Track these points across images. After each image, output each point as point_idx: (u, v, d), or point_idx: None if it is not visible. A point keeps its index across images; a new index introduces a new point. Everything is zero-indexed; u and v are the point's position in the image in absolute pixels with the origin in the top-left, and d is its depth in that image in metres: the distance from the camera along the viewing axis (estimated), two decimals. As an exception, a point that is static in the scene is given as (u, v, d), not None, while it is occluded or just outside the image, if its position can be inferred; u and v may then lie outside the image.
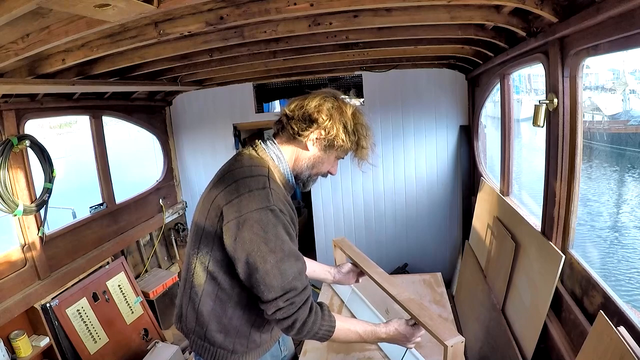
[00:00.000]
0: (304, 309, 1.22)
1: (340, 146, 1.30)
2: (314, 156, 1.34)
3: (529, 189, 5.69)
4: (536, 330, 1.88)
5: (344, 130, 1.28)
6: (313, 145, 1.32)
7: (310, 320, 1.24)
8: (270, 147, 1.33)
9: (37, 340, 2.53)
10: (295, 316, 1.21)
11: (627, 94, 14.17)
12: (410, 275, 2.45)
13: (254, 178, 1.22)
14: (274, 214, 1.17)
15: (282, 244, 1.18)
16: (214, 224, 1.21)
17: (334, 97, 1.32)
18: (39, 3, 1.11)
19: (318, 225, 4.24)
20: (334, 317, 1.30)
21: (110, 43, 1.86)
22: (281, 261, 1.17)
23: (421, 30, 2.30)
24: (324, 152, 1.33)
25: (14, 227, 2.58)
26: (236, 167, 1.28)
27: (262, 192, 1.19)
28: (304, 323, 1.22)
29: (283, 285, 1.18)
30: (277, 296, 1.18)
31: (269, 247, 1.16)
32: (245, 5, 1.64)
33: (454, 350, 1.31)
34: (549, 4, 1.56)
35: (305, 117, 1.28)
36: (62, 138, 25.00)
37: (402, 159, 4.00)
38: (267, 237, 1.16)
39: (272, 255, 1.16)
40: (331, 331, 1.28)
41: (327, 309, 1.31)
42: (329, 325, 1.28)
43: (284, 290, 1.18)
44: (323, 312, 1.28)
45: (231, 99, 4.06)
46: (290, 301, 1.20)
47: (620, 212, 9.73)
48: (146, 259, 3.80)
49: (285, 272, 1.18)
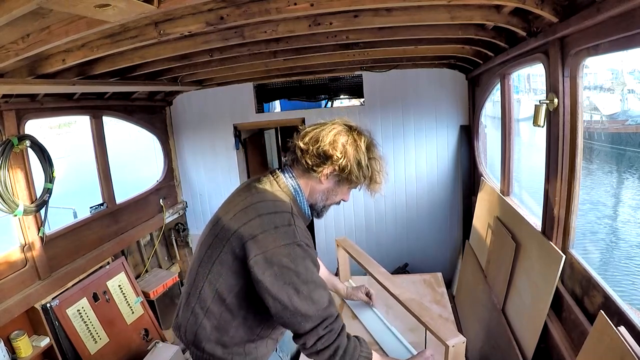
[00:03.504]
0: (342, 335, 1.23)
1: (354, 181, 1.32)
2: (327, 189, 1.35)
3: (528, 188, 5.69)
4: (536, 330, 1.88)
5: (357, 167, 1.29)
6: (327, 179, 1.32)
7: (351, 346, 1.24)
8: (288, 180, 1.34)
9: (38, 341, 2.53)
10: (337, 343, 1.21)
11: (626, 93, 14.18)
12: (410, 275, 2.46)
13: (279, 214, 1.23)
14: (301, 249, 1.20)
15: (312, 275, 1.21)
16: (234, 254, 1.22)
17: (349, 130, 1.32)
18: (39, 3, 1.12)
19: (319, 226, 4.24)
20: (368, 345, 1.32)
21: (111, 43, 1.86)
22: (314, 291, 1.19)
23: (421, 30, 2.30)
24: (337, 185, 1.35)
25: (14, 227, 2.58)
26: (259, 200, 1.28)
27: (289, 229, 1.21)
28: (345, 350, 1.22)
29: (319, 314, 1.19)
30: (315, 325, 1.19)
31: (300, 279, 1.17)
32: (245, 5, 1.65)
33: (455, 350, 1.31)
34: (549, 3, 1.56)
35: (319, 153, 1.27)
36: (61, 138, 24.99)
37: (402, 159, 4.00)
38: (298, 270, 1.18)
39: (304, 286, 1.18)
40: (370, 358, 1.28)
41: (361, 338, 1.32)
42: (367, 351, 1.28)
43: (322, 318, 1.19)
44: (360, 340, 1.29)
45: (231, 99, 4.06)
46: (329, 328, 1.20)
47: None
48: (146, 259, 3.80)
49: (319, 301, 1.19)
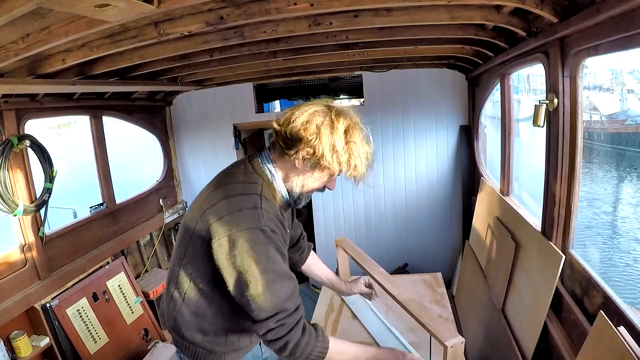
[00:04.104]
0: (296, 330, 1.19)
1: (327, 167, 1.20)
2: (303, 175, 1.26)
3: (527, 187, 5.70)
4: (536, 330, 1.88)
5: (331, 150, 1.16)
6: (301, 163, 1.22)
7: (303, 341, 1.20)
8: (265, 163, 1.27)
9: (37, 340, 2.53)
10: (287, 337, 1.18)
11: (625, 93, 14.19)
12: (410, 275, 2.46)
13: (245, 197, 1.19)
14: (265, 234, 1.15)
15: (273, 264, 1.16)
16: (202, 237, 1.19)
17: (328, 110, 1.19)
18: (39, 3, 1.11)
19: (318, 225, 4.24)
20: (327, 338, 1.26)
21: (110, 43, 1.86)
22: (273, 281, 1.15)
23: (421, 30, 2.30)
24: (313, 170, 1.24)
25: (14, 227, 2.58)
26: (230, 182, 1.25)
27: (254, 212, 1.16)
28: (296, 345, 1.19)
29: (274, 306, 1.15)
30: (267, 316, 1.16)
31: (259, 267, 1.13)
32: (245, 5, 1.64)
33: (454, 351, 1.31)
34: (549, 3, 1.56)
35: (292, 134, 1.18)
36: (61, 138, 25.00)
37: (402, 158, 4.00)
38: (259, 257, 1.13)
39: (263, 275, 1.13)
40: (324, 352, 1.24)
41: (320, 330, 1.27)
42: (322, 346, 1.24)
43: (275, 311, 1.16)
44: (317, 333, 1.24)
45: (231, 99, 4.06)
46: (281, 322, 1.17)
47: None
48: (146, 259, 3.80)
49: (277, 293, 1.15)
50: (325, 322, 1.93)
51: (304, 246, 1.75)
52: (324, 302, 2.10)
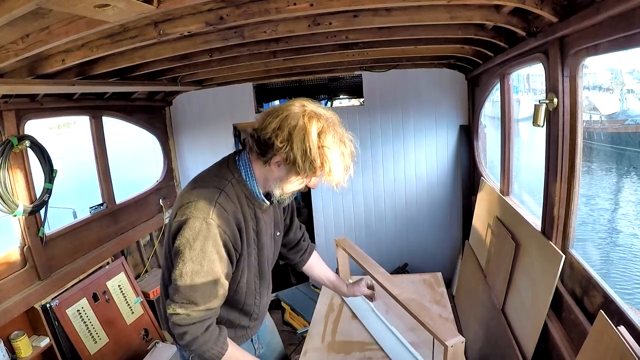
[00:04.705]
0: (198, 326, 1.22)
1: (301, 173, 1.20)
2: (280, 178, 1.26)
3: (527, 187, 5.73)
4: (536, 330, 1.88)
5: (303, 156, 1.15)
6: (278, 167, 1.23)
7: (202, 339, 1.22)
8: (241, 162, 1.30)
9: (37, 341, 2.52)
10: (187, 328, 1.21)
11: (625, 93, 14.20)
12: (410, 275, 2.46)
13: (208, 189, 1.24)
14: (208, 227, 1.17)
15: (203, 259, 1.18)
16: (170, 225, 1.27)
17: (302, 113, 1.18)
18: (38, 3, 1.11)
19: (318, 225, 4.24)
20: (227, 345, 1.29)
21: (110, 43, 1.86)
22: (195, 274, 1.18)
23: (421, 30, 2.30)
24: (289, 174, 1.24)
25: (14, 227, 2.58)
26: (203, 176, 1.32)
27: (207, 204, 1.19)
28: (194, 339, 1.22)
29: (187, 296, 1.19)
30: (178, 301, 1.19)
31: (189, 255, 1.17)
32: (245, 5, 1.64)
33: (454, 351, 1.31)
34: (548, 3, 1.56)
35: (265, 140, 1.19)
36: (61, 138, 25.00)
37: (402, 158, 4.00)
38: (193, 246, 1.17)
39: (189, 263, 1.17)
40: (219, 356, 1.26)
41: (224, 335, 1.29)
42: (219, 351, 1.26)
43: (186, 300, 1.19)
44: (219, 337, 1.26)
45: (231, 99, 4.06)
46: (188, 312, 1.19)
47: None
48: (146, 259, 3.80)
49: (194, 285, 1.18)
50: (325, 322, 1.93)
51: (304, 248, 1.76)
52: (324, 302, 2.10)
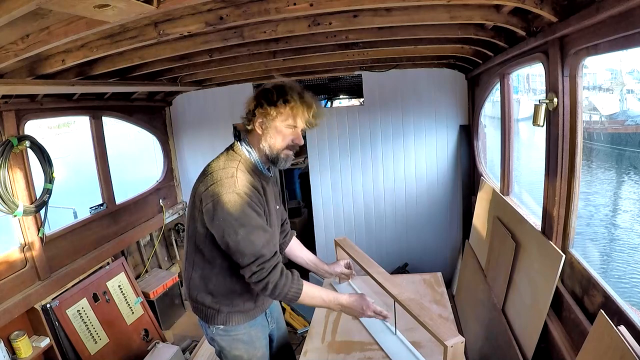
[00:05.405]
0: (274, 273, 1.45)
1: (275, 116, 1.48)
2: (265, 136, 1.52)
3: (526, 187, 5.75)
4: (536, 329, 1.88)
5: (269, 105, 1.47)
6: (261, 129, 1.52)
7: (282, 282, 1.46)
8: (242, 145, 1.58)
9: (38, 341, 2.53)
10: (267, 279, 1.44)
11: (624, 93, 14.21)
12: (410, 275, 2.46)
13: (224, 170, 1.49)
14: (239, 196, 1.42)
15: (249, 219, 1.43)
16: (197, 206, 1.48)
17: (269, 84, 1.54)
18: (38, 3, 1.11)
19: (318, 226, 4.24)
20: (302, 282, 1.53)
21: (110, 43, 1.86)
22: (250, 233, 1.42)
23: (421, 30, 2.30)
24: (269, 131, 1.51)
25: (14, 227, 2.58)
26: (213, 163, 1.55)
27: (230, 181, 1.44)
28: (275, 285, 1.45)
29: (254, 253, 1.42)
30: (249, 262, 1.43)
31: (238, 222, 1.41)
32: (245, 6, 1.65)
33: (454, 350, 1.31)
34: (548, 3, 1.56)
35: (247, 112, 1.55)
36: (61, 138, 25.02)
37: (402, 158, 4.00)
38: (236, 214, 1.40)
39: (241, 228, 1.41)
40: (299, 293, 1.50)
41: (297, 274, 1.53)
42: (297, 288, 1.50)
43: (255, 257, 1.42)
44: (293, 277, 1.51)
45: (231, 99, 4.06)
46: (262, 266, 1.43)
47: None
48: (146, 259, 3.80)
49: (254, 242, 1.42)
50: (325, 322, 1.93)
51: (287, 230, 1.97)
52: (324, 302, 2.10)
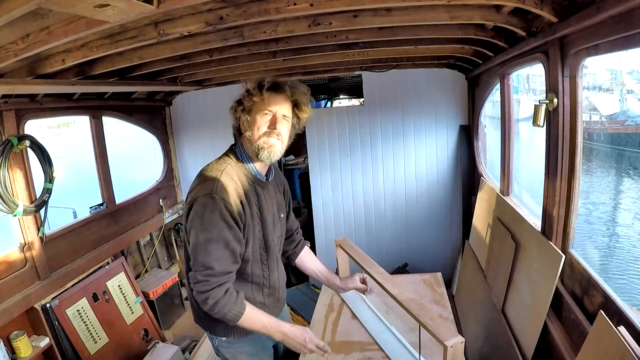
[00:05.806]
0: (218, 290, 1.39)
1: (248, 106, 1.54)
2: (246, 129, 1.54)
3: (527, 187, 5.76)
4: (536, 330, 1.88)
5: (246, 99, 1.56)
6: (243, 122, 1.56)
7: (223, 301, 1.40)
8: (237, 149, 1.58)
9: (37, 341, 2.53)
10: (209, 293, 1.39)
11: (624, 94, 14.20)
12: (410, 275, 2.46)
13: (212, 172, 1.47)
14: (213, 201, 1.38)
15: (214, 228, 1.38)
16: (184, 207, 1.49)
17: None
18: (38, 3, 1.11)
19: (318, 226, 4.24)
20: (245, 305, 1.47)
21: (110, 43, 1.86)
22: (209, 242, 1.37)
23: (421, 30, 2.30)
24: (247, 120, 1.54)
25: (14, 227, 2.58)
26: (206, 166, 1.54)
27: (211, 183, 1.42)
28: (216, 302, 1.39)
29: (204, 263, 1.38)
30: (197, 269, 1.40)
31: (202, 226, 1.38)
32: (245, 5, 1.65)
33: (454, 351, 1.31)
34: (548, 3, 1.56)
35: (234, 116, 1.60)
36: (61, 138, 25.02)
37: (402, 158, 4.00)
38: (203, 218, 1.38)
39: (203, 233, 1.38)
40: (238, 316, 1.44)
41: (241, 296, 1.47)
42: (238, 311, 1.44)
43: (204, 267, 1.38)
44: (237, 299, 1.44)
45: (231, 99, 3.99)
46: (207, 278, 1.38)
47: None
48: (146, 259, 3.80)
49: (210, 253, 1.38)
50: (325, 322, 1.93)
51: (297, 240, 1.90)
52: (324, 302, 2.10)
